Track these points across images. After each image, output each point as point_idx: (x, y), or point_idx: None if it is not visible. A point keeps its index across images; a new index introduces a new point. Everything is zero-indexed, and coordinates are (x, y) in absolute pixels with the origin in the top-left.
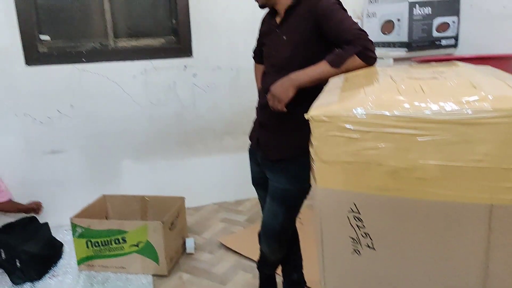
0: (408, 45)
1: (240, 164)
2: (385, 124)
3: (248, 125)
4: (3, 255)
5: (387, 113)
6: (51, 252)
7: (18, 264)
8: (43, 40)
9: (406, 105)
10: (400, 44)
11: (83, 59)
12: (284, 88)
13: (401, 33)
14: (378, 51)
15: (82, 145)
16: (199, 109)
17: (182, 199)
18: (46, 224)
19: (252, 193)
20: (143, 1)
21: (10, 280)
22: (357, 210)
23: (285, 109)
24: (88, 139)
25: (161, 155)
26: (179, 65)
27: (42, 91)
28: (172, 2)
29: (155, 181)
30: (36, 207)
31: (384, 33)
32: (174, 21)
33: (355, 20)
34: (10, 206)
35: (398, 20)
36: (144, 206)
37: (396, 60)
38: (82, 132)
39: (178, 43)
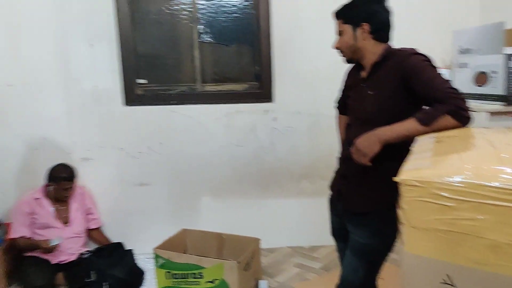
0: (506, 99)
1: (317, 209)
2: (486, 196)
3: (326, 170)
4: (93, 277)
5: (488, 184)
6: (134, 278)
7: (106, 287)
8: (140, 84)
9: (509, 176)
10: (496, 97)
11: (173, 101)
12: (370, 142)
13: (497, 86)
14: (472, 104)
15: (167, 180)
16: (277, 151)
17: (257, 241)
18: (130, 251)
19: (328, 240)
20: (229, 49)
21: None
22: (450, 282)
23: (369, 164)
24: (173, 175)
25: (238, 194)
26: (260, 109)
27: (136, 128)
28: (256, 50)
29: (232, 219)
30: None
31: (477, 85)
32: (257, 68)
33: (444, 70)
34: (98, 235)
35: (493, 72)
36: (220, 244)
37: (493, 114)
38: (168, 167)
39: (260, 89)
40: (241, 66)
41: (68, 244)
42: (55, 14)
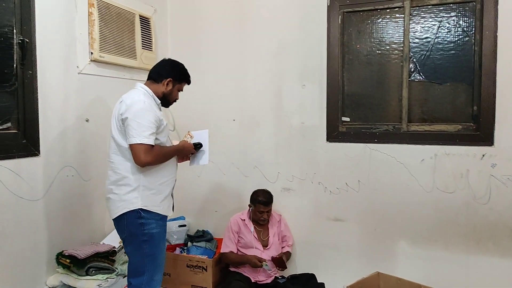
0: None
1: None
2: None
3: None
4: None
5: None
6: None
7: None
8: (343, 121)
9: None
10: None
11: (375, 140)
12: None
13: None
14: None
15: (362, 218)
16: (494, 202)
17: None
18: (322, 284)
19: None
20: (441, 88)
21: None
22: None
23: None
24: (369, 214)
25: (442, 245)
26: (475, 153)
27: (336, 164)
28: (476, 89)
29: (433, 271)
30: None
31: None
32: (475, 108)
33: None
34: (287, 258)
35: None
36: None
37: None
38: (364, 206)
39: (478, 130)
40: (455, 106)
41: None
42: (275, 60)
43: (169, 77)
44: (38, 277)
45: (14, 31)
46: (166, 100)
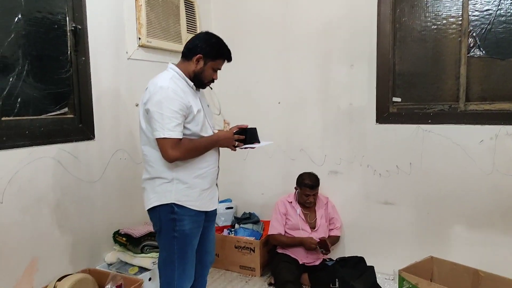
0: None
1: None
2: None
3: None
4: (337, 284)
5: None
6: None
7: None
8: (394, 102)
9: None
10: None
11: (429, 121)
12: None
13: None
14: None
15: (413, 202)
16: None
17: None
18: (372, 268)
19: None
20: (505, 64)
21: None
22: None
23: None
24: (421, 197)
25: (501, 230)
26: None
27: (386, 147)
28: None
29: (490, 256)
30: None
31: None
32: None
33: None
34: (331, 242)
35: None
36: (475, 281)
37: None
38: (416, 189)
39: None
40: None
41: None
42: (322, 39)
43: (200, 53)
44: (97, 254)
45: (67, 18)
46: (199, 80)
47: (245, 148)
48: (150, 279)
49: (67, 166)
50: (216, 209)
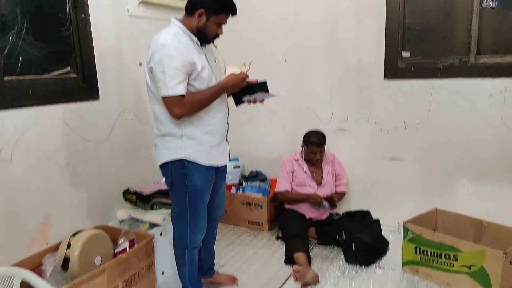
0: None
1: None
2: None
3: None
4: (343, 237)
5: None
6: (379, 246)
7: (353, 247)
8: (403, 57)
9: None
10: None
11: (438, 75)
12: None
13: None
14: None
15: (420, 157)
16: None
17: None
18: (378, 221)
19: None
20: None
21: (345, 258)
22: None
23: None
24: (428, 152)
25: (506, 182)
26: None
27: (394, 103)
28: None
29: (494, 207)
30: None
31: None
32: None
33: None
34: (337, 198)
35: None
36: (478, 230)
37: None
38: (423, 144)
39: None
40: None
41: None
42: None
43: (202, 8)
44: (108, 212)
45: None
46: (203, 36)
47: (254, 99)
48: (161, 234)
49: (74, 127)
50: (226, 165)
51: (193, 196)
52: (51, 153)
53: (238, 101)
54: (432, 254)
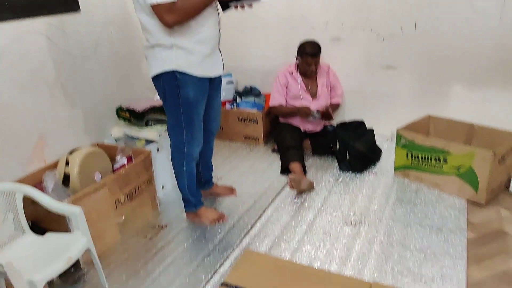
0: None
1: None
2: None
3: None
4: (338, 146)
5: None
6: (373, 154)
7: (347, 156)
8: None
9: None
10: None
11: None
12: None
13: None
14: None
15: (416, 64)
16: None
17: None
18: (372, 130)
19: None
20: None
21: (339, 167)
22: None
23: None
24: (424, 58)
25: (500, 86)
26: None
27: (391, 8)
28: None
29: (486, 111)
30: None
31: None
32: None
33: None
34: (333, 109)
35: None
36: (469, 134)
37: None
38: (419, 50)
39: None
40: None
41: None
42: None
43: None
44: (102, 130)
45: None
46: None
47: (242, 4)
48: (158, 149)
49: (57, 41)
50: (221, 77)
51: (187, 108)
52: (37, 69)
53: (225, 6)
54: (423, 158)
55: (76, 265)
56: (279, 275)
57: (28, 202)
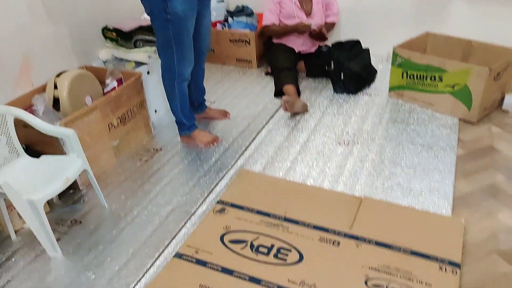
0: None
1: None
2: None
3: None
4: (332, 67)
5: None
6: (368, 75)
7: (342, 77)
8: None
9: None
10: None
11: None
12: None
13: None
14: None
15: None
16: None
17: None
18: (367, 50)
19: None
20: None
21: (333, 88)
22: None
23: None
24: None
25: (501, 1)
26: None
27: None
28: None
29: (487, 28)
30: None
31: None
32: None
33: None
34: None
35: None
36: (467, 50)
37: None
38: None
39: None
40: None
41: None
42: None
43: None
44: (89, 52)
45: None
46: None
47: None
48: (148, 72)
49: None
50: None
51: (176, 24)
52: None
53: None
54: (418, 77)
55: (74, 187)
56: (273, 192)
57: (20, 126)
